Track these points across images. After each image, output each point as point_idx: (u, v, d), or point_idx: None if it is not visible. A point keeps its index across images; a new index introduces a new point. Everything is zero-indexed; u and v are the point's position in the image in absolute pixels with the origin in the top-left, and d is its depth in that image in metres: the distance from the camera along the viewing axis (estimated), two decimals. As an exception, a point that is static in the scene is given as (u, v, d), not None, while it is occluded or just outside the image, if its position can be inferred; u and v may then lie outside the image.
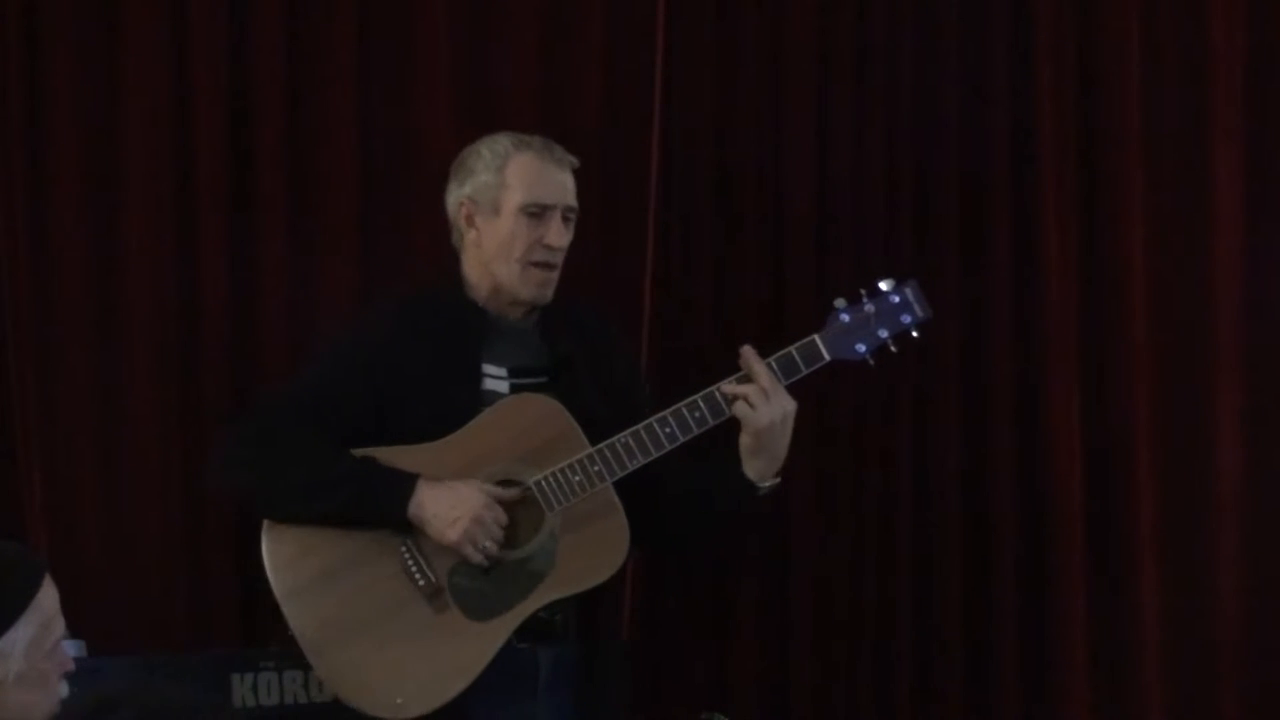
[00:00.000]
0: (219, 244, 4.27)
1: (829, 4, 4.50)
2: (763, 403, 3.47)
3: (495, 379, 3.58)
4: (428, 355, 3.55)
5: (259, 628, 4.22)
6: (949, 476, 4.52)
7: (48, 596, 2.57)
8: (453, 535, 3.43)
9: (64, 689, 2.60)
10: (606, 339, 3.73)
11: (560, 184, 3.61)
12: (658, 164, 4.41)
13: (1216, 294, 4.57)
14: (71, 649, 2.70)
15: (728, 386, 3.49)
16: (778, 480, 3.57)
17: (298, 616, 3.50)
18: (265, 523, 3.53)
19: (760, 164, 4.48)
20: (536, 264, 3.57)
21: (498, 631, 3.47)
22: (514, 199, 3.58)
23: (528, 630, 3.50)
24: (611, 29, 4.44)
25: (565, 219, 3.61)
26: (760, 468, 3.53)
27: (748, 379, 3.50)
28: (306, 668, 3.89)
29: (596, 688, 3.62)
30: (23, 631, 2.52)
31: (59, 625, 2.59)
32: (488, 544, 3.44)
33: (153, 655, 3.90)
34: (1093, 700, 4.52)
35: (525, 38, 4.41)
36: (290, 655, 3.91)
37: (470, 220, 3.62)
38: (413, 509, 3.44)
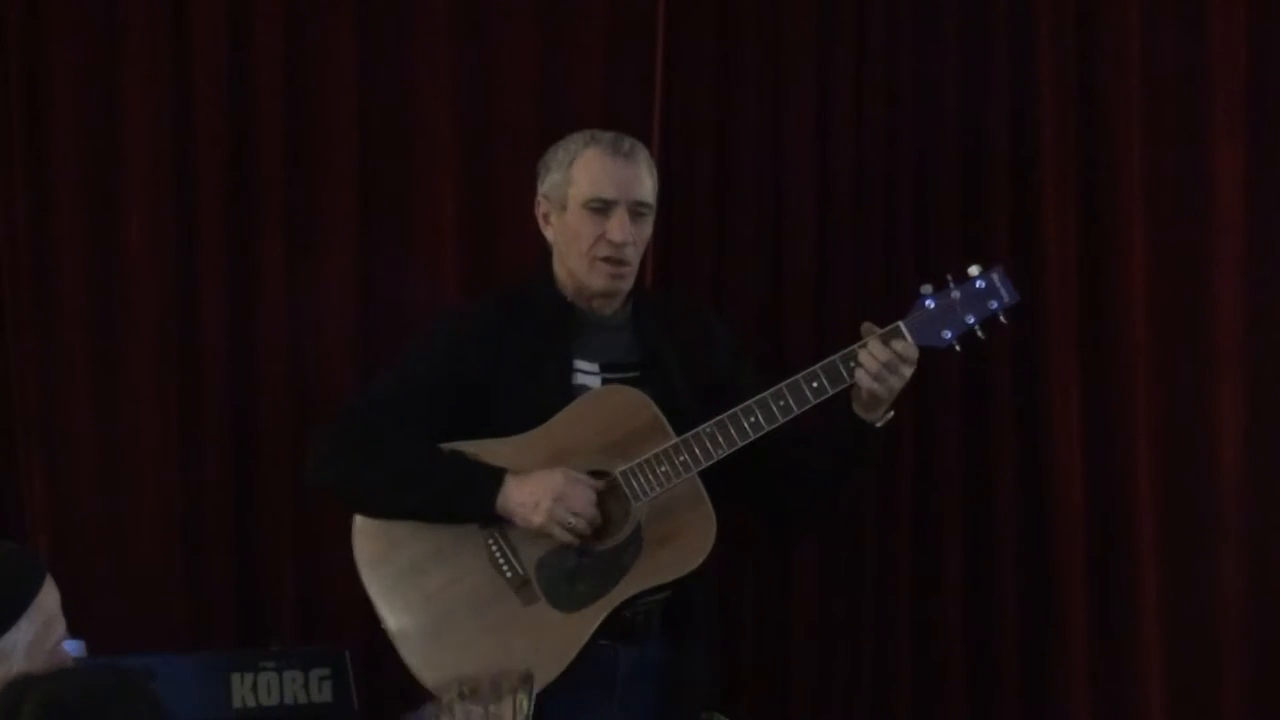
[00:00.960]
0: (219, 244, 4.28)
1: (829, 4, 4.50)
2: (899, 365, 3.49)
3: (587, 374, 3.58)
4: (520, 351, 3.55)
5: (259, 628, 4.23)
6: (949, 476, 4.52)
7: (49, 597, 2.58)
8: (538, 519, 3.43)
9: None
10: (702, 333, 3.72)
11: (626, 179, 3.58)
12: (657, 164, 4.40)
13: (1216, 294, 4.56)
14: (71, 649, 2.70)
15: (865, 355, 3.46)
16: (891, 414, 3.56)
17: (389, 609, 3.51)
18: (355, 520, 3.53)
19: (760, 164, 4.48)
20: (603, 259, 3.56)
21: (586, 623, 3.46)
22: (578, 195, 3.57)
23: (610, 628, 3.49)
24: (611, 29, 4.44)
25: (636, 214, 3.58)
26: (875, 412, 3.53)
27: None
28: (306, 667, 3.90)
29: (683, 690, 3.60)
30: (24, 631, 2.53)
31: (60, 625, 2.59)
32: (571, 520, 3.42)
33: (153, 655, 3.90)
34: (1093, 700, 4.52)
35: (525, 38, 4.41)
36: (290, 655, 3.93)
37: (546, 218, 3.64)
38: (500, 502, 3.45)
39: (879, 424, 3.55)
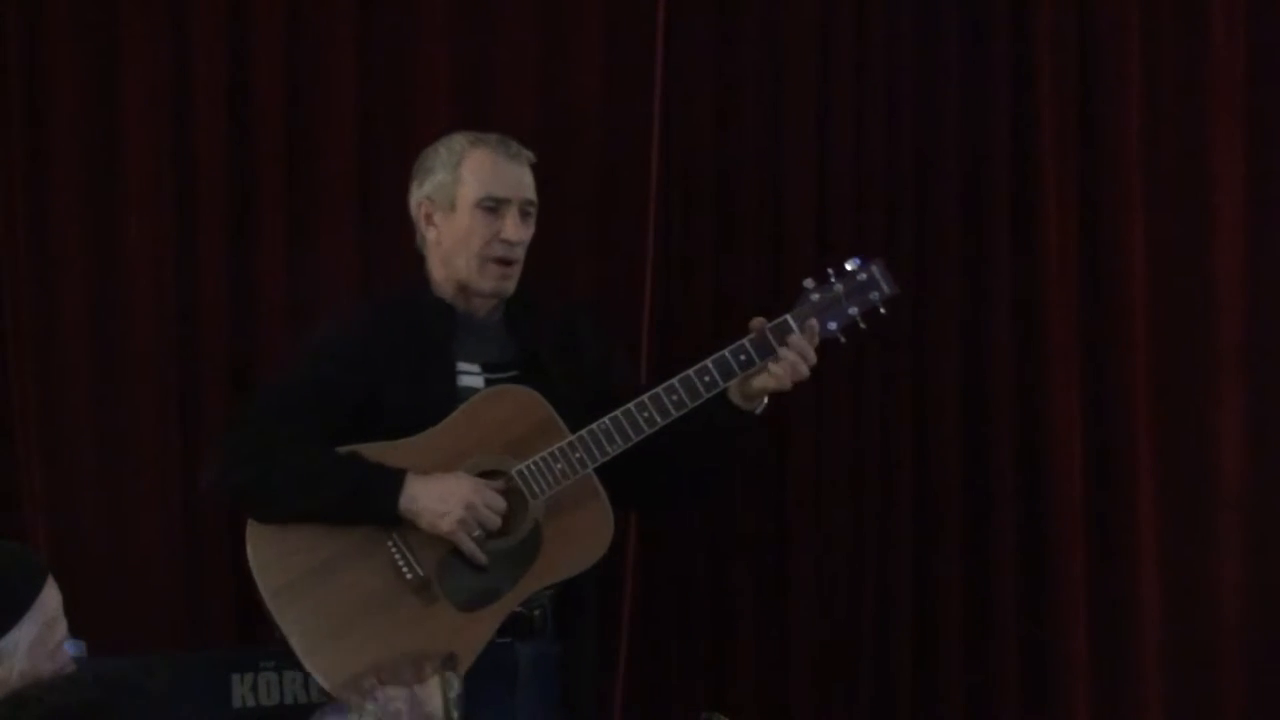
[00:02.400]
0: (219, 244, 4.28)
1: (829, 3, 4.50)
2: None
3: (470, 375, 3.60)
4: (402, 354, 3.57)
5: (259, 628, 4.22)
6: (949, 477, 4.52)
7: (50, 597, 2.58)
8: (445, 525, 3.44)
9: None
10: (572, 328, 3.74)
11: (516, 178, 3.62)
12: (658, 164, 4.41)
13: (1216, 294, 4.57)
14: (72, 649, 2.70)
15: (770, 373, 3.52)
16: (766, 400, 3.61)
17: (286, 616, 3.49)
18: (249, 525, 3.52)
19: (760, 164, 4.48)
20: (495, 259, 3.59)
21: (487, 622, 3.48)
22: (470, 194, 3.60)
23: (507, 626, 3.52)
24: (611, 29, 4.44)
25: (524, 213, 3.62)
26: (754, 402, 3.58)
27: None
28: (306, 668, 3.89)
29: (574, 685, 3.65)
30: (26, 631, 2.53)
31: (61, 626, 2.59)
32: (479, 531, 3.45)
33: (153, 655, 3.89)
34: (1093, 700, 4.52)
35: (525, 38, 4.41)
36: (290, 655, 3.92)
37: (430, 219, 3.65)
38: (404, 503, 3.46)
39: (759, 411, 3.59)
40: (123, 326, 4.26)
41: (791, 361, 3.53)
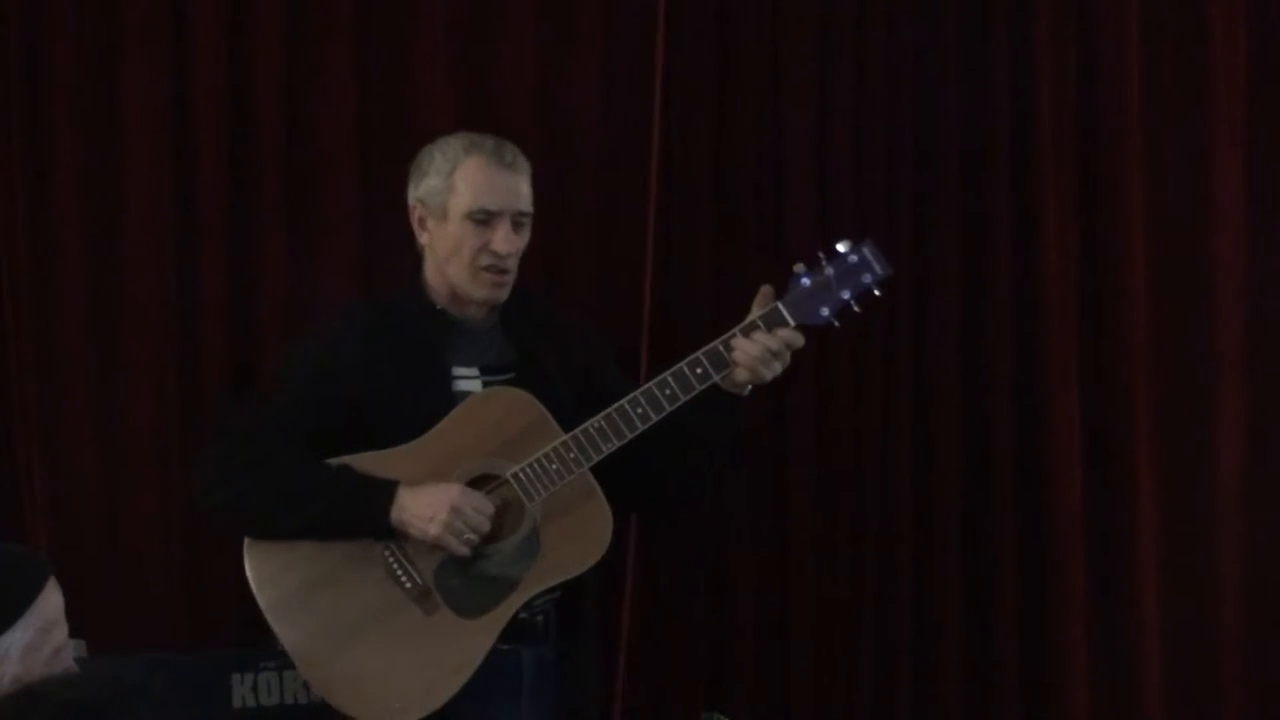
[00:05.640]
0: (219, 244, 4.28)
1: (829, 4, 4.50)
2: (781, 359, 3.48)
3: (467, 379, 3.57)
4: (396, 361, 3.54)
5: (259, 628, 4.23)
6: (949, 476, 4.53)
7: (50, 601, 2.56)
8: (434, 530, 3.41)
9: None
10: (565, 329, 3.72)
11: (510, 189, 3.56)
12: (658, 164, 4.41)
13: (1216, 294, 4.57)
14: (71, 649, 2.69)
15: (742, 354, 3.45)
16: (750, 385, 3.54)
17: (286, 630, 3.48)
18: (246, 540, 3.51)
19: (760, 164, 4.48)
20: (485, 268, 3.55)
21: (489, 628, 3.45)
22: (460, 205, 3.54)
23: (510, 632, 3.49)
24: (611, 29, 4.44)
25: (516, 224, 3.56)
26: (743, 386, 3.51)
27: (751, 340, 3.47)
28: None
29: (574, 689, 3.63)
30: (19, 635, 2.51)
31: (60, 632, 2.57)
32: (470, 535, 3.42)
33: (153, 655, 3.90)
34: (1093, 701, 4.52)
35: (524, 37, 4.41)
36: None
37: (422, 223, 3.61)
38: (394, 514, 3.43)
39: (745, 394, 3.52)
40: (123, 326, 4.26)
41: (758, 355, 3.44)
